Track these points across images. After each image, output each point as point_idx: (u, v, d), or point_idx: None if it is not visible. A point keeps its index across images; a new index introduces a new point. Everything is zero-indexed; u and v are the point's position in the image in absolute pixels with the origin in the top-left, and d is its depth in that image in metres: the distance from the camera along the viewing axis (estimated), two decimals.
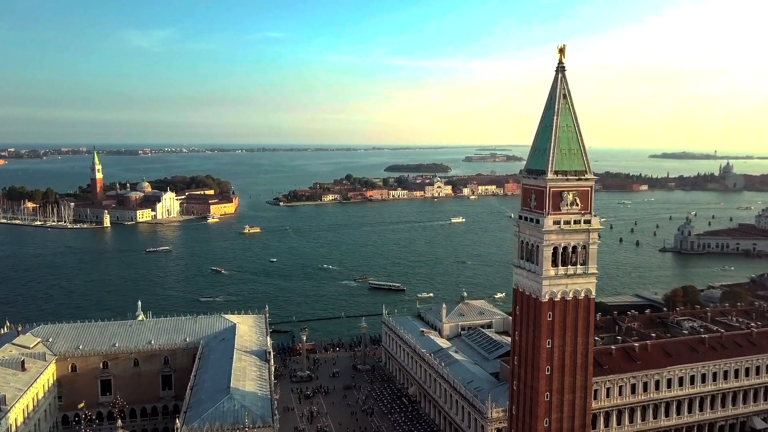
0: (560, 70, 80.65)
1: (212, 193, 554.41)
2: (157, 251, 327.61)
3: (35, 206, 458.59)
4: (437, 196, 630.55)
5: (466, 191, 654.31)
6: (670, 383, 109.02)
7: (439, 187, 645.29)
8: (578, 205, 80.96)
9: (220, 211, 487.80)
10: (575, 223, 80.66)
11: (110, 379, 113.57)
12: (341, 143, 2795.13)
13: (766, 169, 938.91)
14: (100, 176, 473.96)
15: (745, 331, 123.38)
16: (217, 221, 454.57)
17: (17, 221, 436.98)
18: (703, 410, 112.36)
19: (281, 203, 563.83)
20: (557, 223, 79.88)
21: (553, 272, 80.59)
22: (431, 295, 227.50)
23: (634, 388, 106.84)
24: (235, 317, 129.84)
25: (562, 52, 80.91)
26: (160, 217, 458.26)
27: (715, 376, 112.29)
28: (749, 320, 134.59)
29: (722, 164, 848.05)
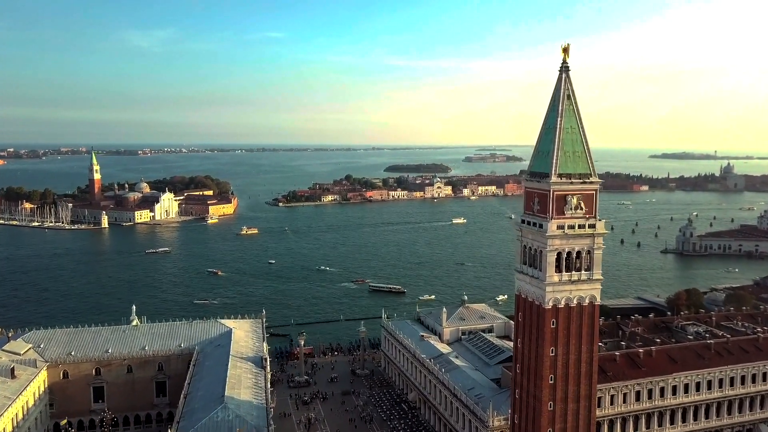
0: (564, 70, 78.24)
1: (211, 193, 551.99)
2: (156, 252, 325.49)
3: (33, 207, 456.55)
4: (437, 196, 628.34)
5: (466, 192, 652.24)
6: (675, 390, 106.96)
7: (439, 187, 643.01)
8: (583, 209, 78.61)
9: (218, 211, 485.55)
10: (580, 227, 78.28)
11: (103, 386, 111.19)
12: (341, 143, 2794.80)
13: (766, 169, 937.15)
14: (98, 177, 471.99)
15: (751, 336, 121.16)
16: (216, 222, 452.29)
17: (14, 222, 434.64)
18: (709, 418, 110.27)
19: (280, 204, 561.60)
20: (561, 227, 77.52)
21: (556, 278, 78.29)
22: (433, 297, 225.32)
23: (639, 395, 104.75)
24: (231, 322, 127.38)
25: (566, 51, 78.51)
26: (158, 217, 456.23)
27: (721, 382, 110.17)
28: (755, 325, 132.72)
29: (723, 165, 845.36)
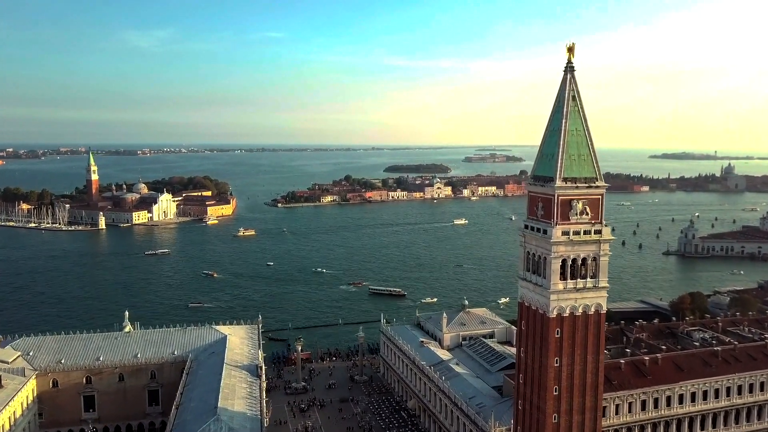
0: (569, 70, 75.55)
1: (210, 194, 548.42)
2: (155, 254, 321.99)
3: (30, 208, 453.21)
4: (437, 197, 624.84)
5: (466, 192, 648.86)
6: (682, 399, 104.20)
7: (438, 188, 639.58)
8: (588, 214, 75.83)
9: (217, 212, 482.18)
10: (585, 233, 75.54)
11: (94, 394, 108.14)
12: (341, 143, 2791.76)
13: (766, 169, 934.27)
14: (95, 177, 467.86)
15: (759, 342, 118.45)
16: (216, 223, 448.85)
17: (11, 223, 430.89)
18: (716, 427, 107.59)
19: (279, 204, 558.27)
20: (566, 233, 74.75)
21: (561, 286, 75.49)
22: (435, 300, 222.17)
23: (644, 404, 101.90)
24: (226, 328, 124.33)
25: (571, 51, 75.78)
26: (156, 218, 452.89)
27: (728, 391, 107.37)
28: (762, 330, 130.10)
29: (724, 165, 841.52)
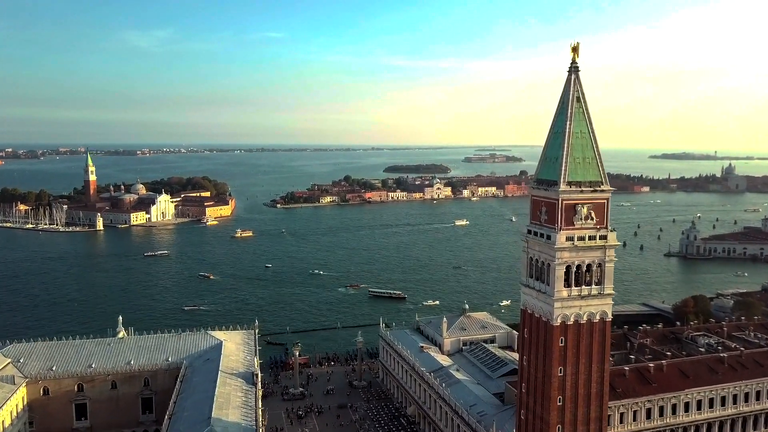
0: (573, 70, 73.49)
1: (208, 195, 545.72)
2: (155, 255, 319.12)
3: (28, 208, 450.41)
4: (437, 197, 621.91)
5: (466, 193, 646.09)
6: (687, 407, 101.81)
7: (438, 188, 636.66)
8: (594, 219, 73.67)
9: (215, 213, 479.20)
10: (590, 239, 73.42)
11: (86, 402, 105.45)
12: (340, 143, 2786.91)
13: (766, 170, 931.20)
14: (93, 178, 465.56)
15: (765, 348, 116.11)
16: (214, 224, 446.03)
17: (8, 224, 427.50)
18: None
19: (278, 205, 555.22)
20: (570, 239, 72.56)
21: (565, 293, 73.29)
22: (437, 302, 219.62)
23: (649, 412, 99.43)
24: (221, 334, 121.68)
25: (575, 50, 73.78)
26: (154, 219, 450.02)
27: (735, 398, 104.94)
28: None
29: (724, 165, 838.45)
